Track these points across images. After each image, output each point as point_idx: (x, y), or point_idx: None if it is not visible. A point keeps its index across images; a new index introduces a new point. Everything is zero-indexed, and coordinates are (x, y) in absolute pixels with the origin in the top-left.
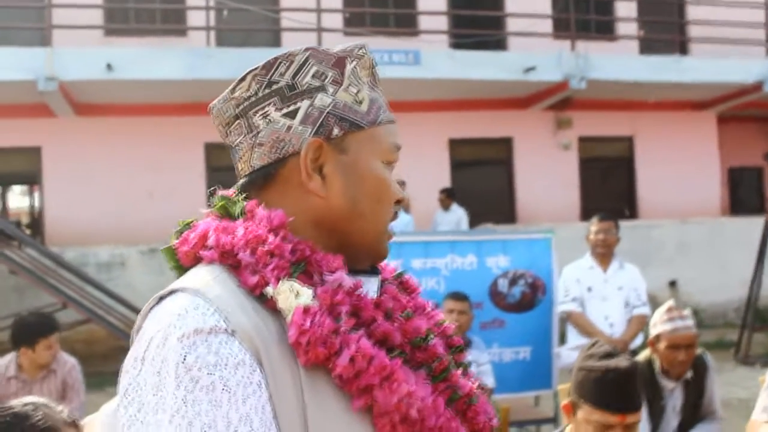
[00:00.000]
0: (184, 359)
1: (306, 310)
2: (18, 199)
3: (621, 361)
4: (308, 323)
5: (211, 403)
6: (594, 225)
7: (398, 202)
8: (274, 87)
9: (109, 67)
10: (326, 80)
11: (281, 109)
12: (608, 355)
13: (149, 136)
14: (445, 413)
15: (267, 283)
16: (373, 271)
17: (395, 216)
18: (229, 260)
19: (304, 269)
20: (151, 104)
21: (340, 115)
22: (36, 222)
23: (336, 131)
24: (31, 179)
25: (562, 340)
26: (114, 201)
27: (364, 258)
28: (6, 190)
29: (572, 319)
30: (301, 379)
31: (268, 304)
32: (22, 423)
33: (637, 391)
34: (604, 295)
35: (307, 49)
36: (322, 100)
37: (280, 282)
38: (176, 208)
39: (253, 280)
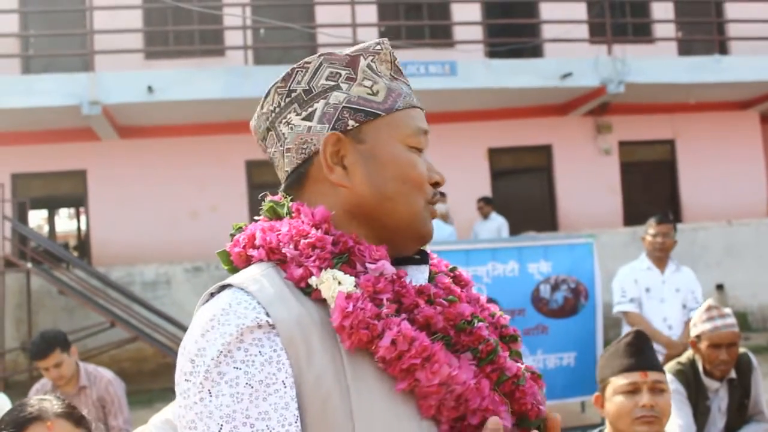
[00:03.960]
0: (218, 353)
1: (349, 296)
2: (65, 222)
3: (633, 330)
4: (351, 307)
5: (232, 397)
6: (652, 228)
7: (436, 184)
8: (293, 95)
9: (150, 89)
10: (340, 79)
11: (300, 113)
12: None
13: (191, 156)
14: (491, 395)
15: (311, 274)
16: (423, 260)
17: (435, 198)
18: (275, 256)
19: (347, 260)
20: (192, 124)
21: (354, 108)
22: (83, 243)
23: (351, 123)
24: (78, 202)
25: (607, 345)
26: (158, 221)
27: (408, 241)
28: (53, 213)
29: (629, 320)
30: (344, 364)
31: (314, 294)
32: (12, 412)
33: (653, 352)
34: (662, 296)
35: (320, 55)
36: (336, 97)
37: (323, 272)
38: (219, 226)
39: (298, 272)
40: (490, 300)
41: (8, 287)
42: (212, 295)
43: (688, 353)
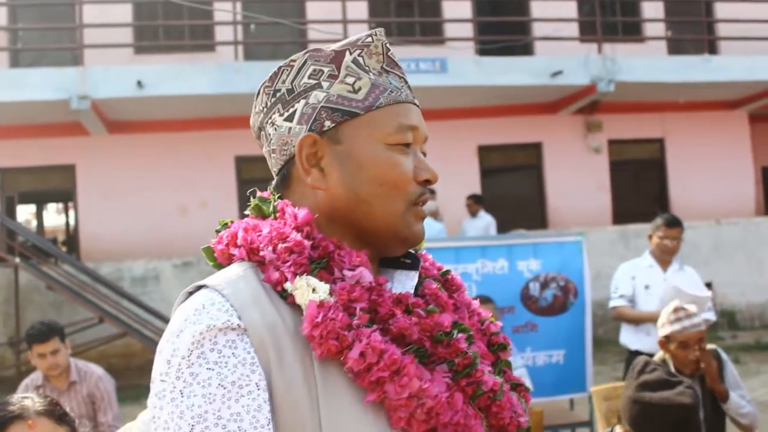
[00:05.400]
0: (190, 354)
1: (321, 305)
2: (53, 217)
3: (683, 396)
4: (321, 317)
5: (204, 397)
6: (661, 230)
7: (426, 182)
8: (278, 95)
9: (139, 84)
10: (322, 77)
11: (283, 114)
12: (664, 384)
13: (181, 152)
14: (464, 409)
15: (286, 279)
16: (413, 265)
17: (422, 197)
18: (255, 257)
19: (325, 265)
20: (182, 120)
21: (332, 107)
22: (71, 238)
23: (328, 123)
24: (66, 197)
25: (596, 343)
26: (147, 216)
27: (390, 244)
28: (42, 208)
29: (616, 314)
30: (315, 372)
31: (289, 299)
32: None
33: (700, 423)
34: (661, 294)
35: (306, 52)
36: (316, 96)
37: (297, 278)
38: (209, 221)
39: (275, 276)
40: (486, 300)
41: None
42: (190, 294)
43: (659, 353)
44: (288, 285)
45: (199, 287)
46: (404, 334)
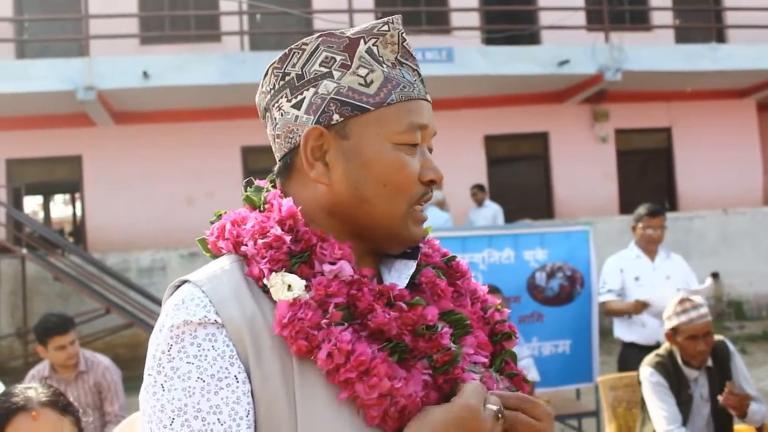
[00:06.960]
0: (170, 348)
1: (292, 303)
2: (60, 207)
3: None
4: (288, 317)
5: (184, 391)
6: (643, 221)
7: (431, 182)
8: (287, 78)
9: (145, 74)
10: (334, 65)
11: (291, 100)
12: None
13: (187, 142)
14: None
15: (264, 275)
16: (412, 254)
17: (425, 196)
18: (240, 251)
19: (306, 259)
20: (188, 110)
21: (342, 100)
22: (78, 229)
23: (336, 117)
24: (73, 188)
25: (602, 333)
26: (154, 207)
27: (388, 243)
28: (49, 199)
29: (604, 309)
30: (293, 368)
31: (270, 294)
32: None
33: None
34: (652, 284)
35: (319, 36)
36: (326, 86)
37: (273, 275)
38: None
39: (256, 271)
40: (493, 289)
41: (3, 273)
42: (176, 288)
43: (666, 345)
44: (266, 281)
45: (184, 281)
46: (382, 329)
